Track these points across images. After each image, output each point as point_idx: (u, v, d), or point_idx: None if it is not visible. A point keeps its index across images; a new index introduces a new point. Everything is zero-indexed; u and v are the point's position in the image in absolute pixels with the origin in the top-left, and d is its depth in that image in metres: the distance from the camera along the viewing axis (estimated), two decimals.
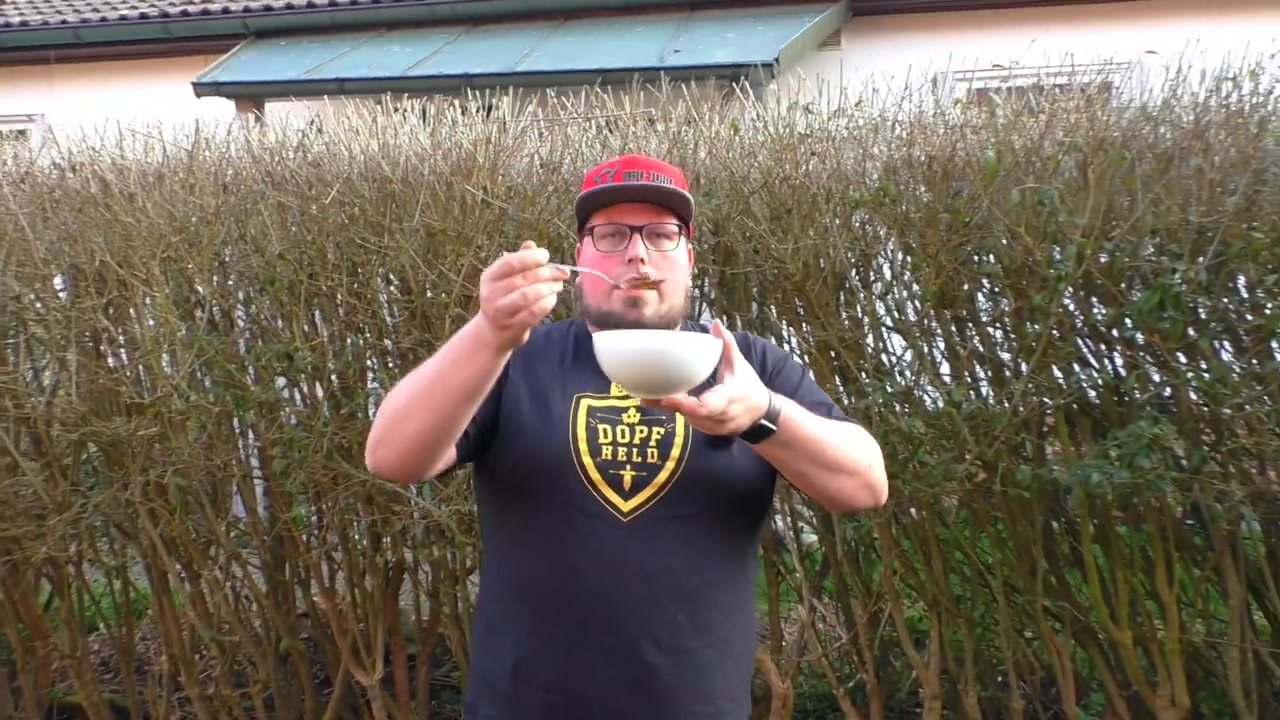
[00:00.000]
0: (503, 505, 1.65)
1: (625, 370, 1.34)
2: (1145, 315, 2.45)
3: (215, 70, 7.99)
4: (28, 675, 3.42)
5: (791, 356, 1.74)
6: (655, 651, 1.53)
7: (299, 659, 3.27)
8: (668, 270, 1.64)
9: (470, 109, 3.12)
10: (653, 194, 1.64)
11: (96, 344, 3.12)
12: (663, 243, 1.64)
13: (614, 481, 1.55)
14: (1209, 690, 2.90)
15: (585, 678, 1.54)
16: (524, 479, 1.58)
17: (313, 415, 2.93)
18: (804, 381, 1.69)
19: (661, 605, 1.54)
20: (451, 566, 3.11)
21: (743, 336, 1.73)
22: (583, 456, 1.55)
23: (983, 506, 2.81)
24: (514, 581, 1.62)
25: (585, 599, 1.54)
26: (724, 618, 1.60)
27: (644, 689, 1.53)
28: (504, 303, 1.28)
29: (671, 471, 1.55)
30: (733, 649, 1.62)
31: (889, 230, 2.80)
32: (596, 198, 1.66)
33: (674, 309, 1.65)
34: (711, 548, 1.59)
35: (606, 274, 1.61)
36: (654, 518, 1.54)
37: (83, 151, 3.17)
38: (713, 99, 3.15)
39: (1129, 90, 2.81)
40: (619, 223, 1.64)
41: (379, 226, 2.86)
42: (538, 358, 1.66)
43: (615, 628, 1.53)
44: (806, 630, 3.02)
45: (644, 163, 1.70)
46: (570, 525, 1.55)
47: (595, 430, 1.57)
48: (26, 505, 3.11)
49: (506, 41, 7.87)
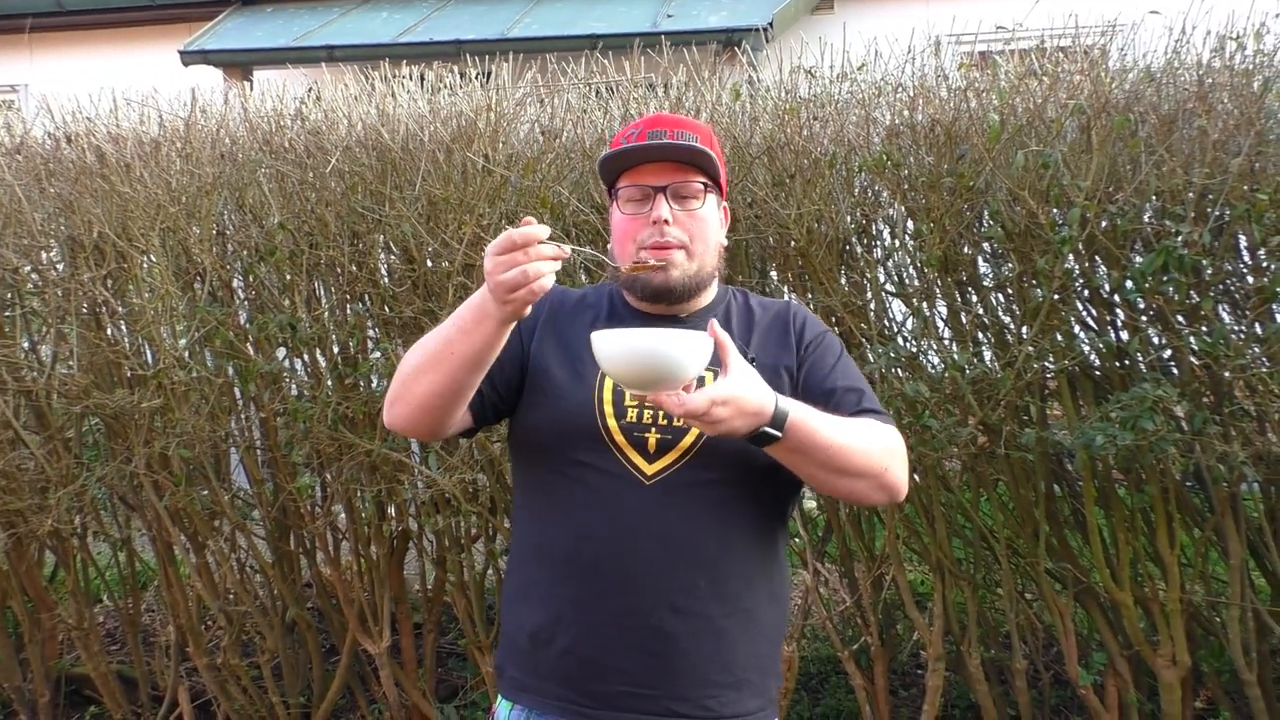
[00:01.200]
0: (529, 466, 1.65)
1: (616, 367, 1.34)
2: (1148, 278, 2.45)
3: (202, 38, 7.88)
4: (35, 647, 3.43)
5: (831, 333, 1.70)
6: (671, 617, 1.51)
7: (306, 628, 3.29)
8: (695, 229, 1.61)
9: (469, 75, 3.09)
10: (674, 152, 1.60)
11: (96, 316, 3.10)
12: (689, 202, 1.61)
13: (638, 444, 1.54)
14: (1209, 649, 2.95)
15: (601, 642, 1.53)
16: (548, 439, 1.58)
17: (316, 385, 2.93)
18: (840, 361, 1.65)
19: (680, 570, 1.52)
20: (456, 535, 3.13)
21: (785, 305, 1.71)
22: (607, 419, 1.54)
23: (986, 470, 2.83)
24: (535, 544, 1.62)
25: (600, 561, 1.53)
26: (746, 587, 1.57)
27: (660, 655, 1.51)
28: (504, 278, 1.32)
29: (697, 435, 1.53)
30: (757, 618, 1.58)
31: (892, 195, 2.80)
32: (618, 160, 1.63)
33: (703, 269, 1.63)
34: (736, 515, 1.56)
35: (634, 236, 1.60)
36: (678, 482, 1.53)
37: (78, 121, 3.14)
38: (711, 64, 3.13)
39: (1133, 51, 2.79)
40: (642, 184, 1.61)
41: (380, 195, 2.84)
42: (570, 320, 1.66)
43: (629, 592, 1.51)
44: (810, 594, 3.04)
45: (669, 120, 1.65)
46: (589, 486, 1.54)
47: (621, 392, 1.56)
48: (30, 478, 3.10)
49: (497, 7, 7.79)
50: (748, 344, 1.64)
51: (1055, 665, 3.23)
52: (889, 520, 2.88)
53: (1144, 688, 2.92)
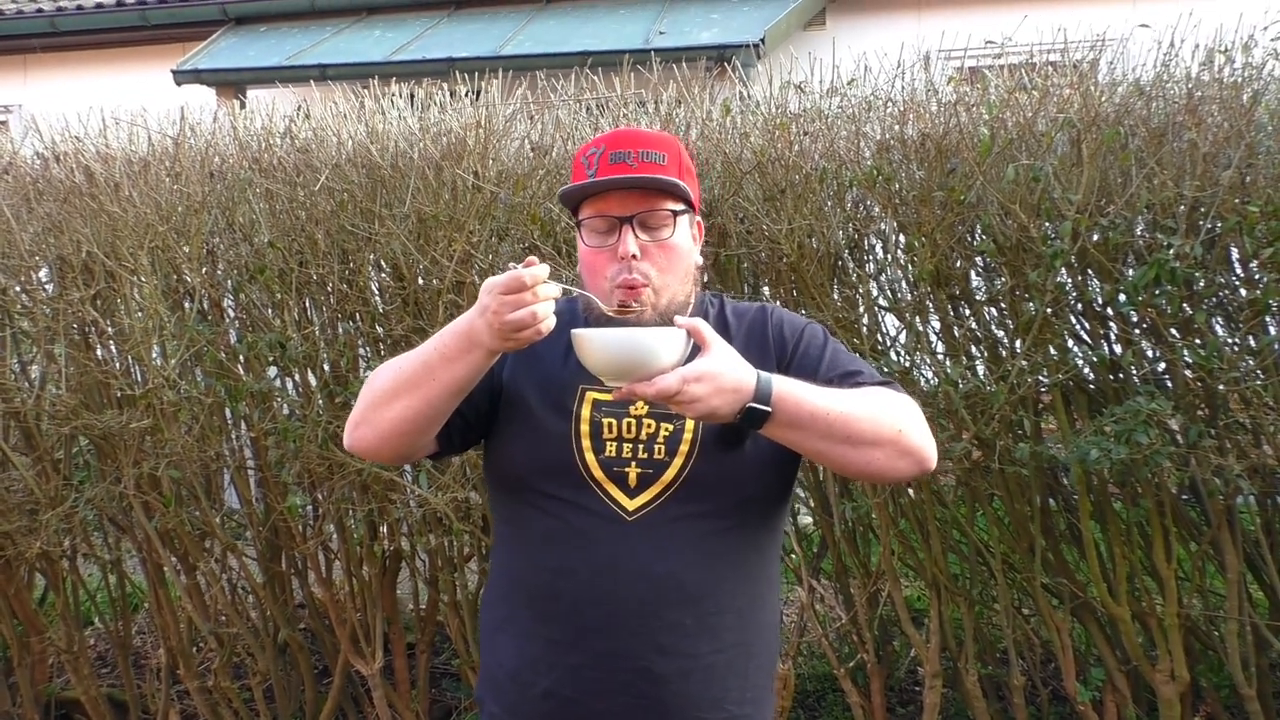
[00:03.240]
0: (505, 495, 1.59)
1: (593, 357, 1.33)
2: (1140, 291, 2.45)
3: (195, 57, 7.91)
4: (24, 671, 3.40)
5: (813, 323, 1.61)
6: (659, 658, 1.46)
7: (298, 650, 3.26)
8: (664, 260, 1.52)
9: (459, 92, 3.09)
10: (638, 183, 1.50)
11: (85, 336, 3.08)
12: (658, 232, 1.52)
13: (618, 479, 1.48)
14: (1207, 664, 2.93)
15: (585, 684, 1.47)
16: (524, 472, 1.53)
17: (306, 404, 2.91)
18: (829, 348, 1.57)
19: (665, 610, 1.46)
20: (449, 554, 3.10)
21: (760, 310, 1.64)
22: (586, 454, 1.49)
23: (980, 484, 2.81)
24: (514, 578, 1.57)
25: (580, 601, 1.47)
26: (737, 620, 1.51)
27: (648, 698, 1.46)
28: (513, 318, 1.29)
29: (679, 468, 1.48)
30: (749, 651, 1.53)
31: (883, 209, 2.79)
32: (579, 192, 1.53)
33: (674, 302, 1.53)
34: (723, 549, 1.50)
35: (602, 271, 1.52)
36: (661, 517, 1.47)
37: (66, 141, 3.13)
38: (702, 80, 3.13)
39: (1122, 65, 2.80)
40: (607, 215, 1.51)
41: (369, 213, 2.83)
42: (543, 347, 1.56)
43: (613, 632, 1.46)
44: (806, 611, 3.02)
45: (632, 138, 1.53)
46: (568, 523, 1.49)
47: (600, 425, 1.50)
48: (18, 500, 3.08)
49: (489, 25, 7.83)
50: None
51: (1053, 681, 3.21)
52: (884, 536, 2.86)
53: (1143, 703, 2.90)
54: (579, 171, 1.56)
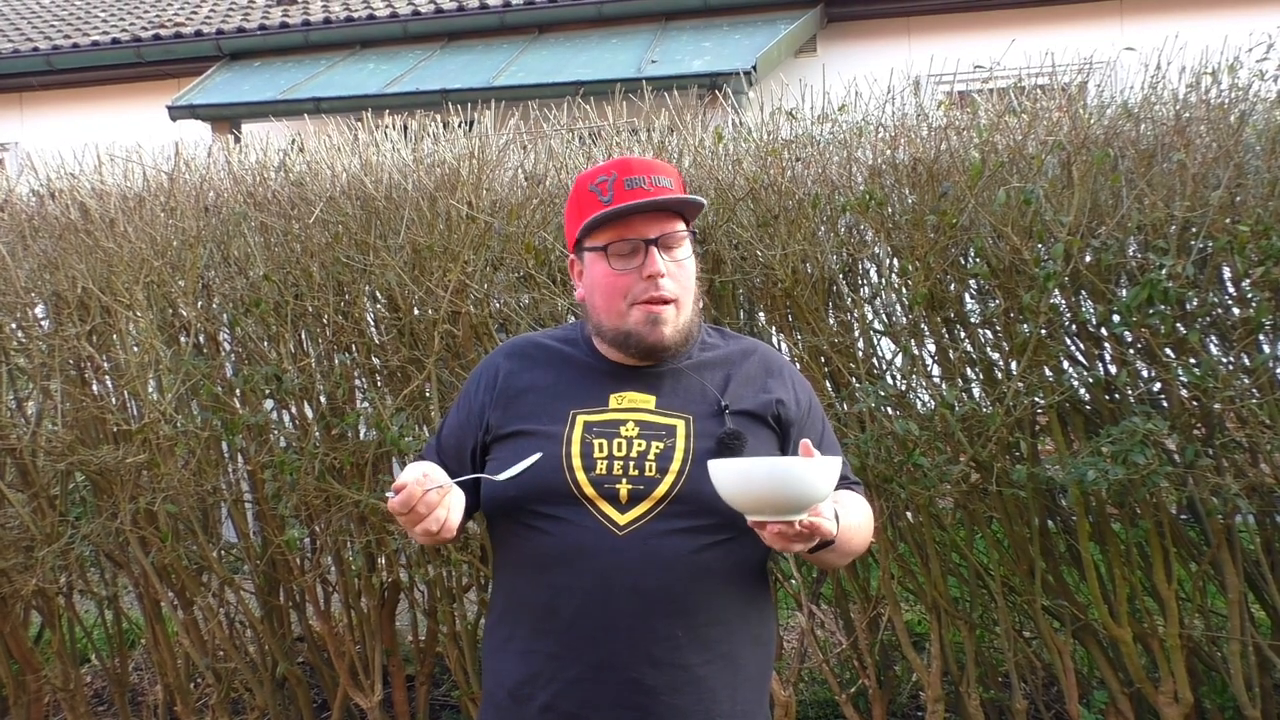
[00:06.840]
0: (501, 520, 1.62)
1: (745, 497, 1.35)
2: (1134, 311, 2.46)
3: (190, 93, 7.95)
4: (20, 710, 3.37)
5: (814, 393, 1.73)
6: (650, 670, 1.49)
7: (296, 684, 3.24)
8: (684, 279, 1.59)
9: (452, 123, 3.10)
10: (666, 204, 1.57)
11: (81, 372, 3.08)
12: (676, 252, 1.59)
13: (609, 495, 1.52)
14: (1211, 685, 2.91)
15: (580, 697, 1.51)
16: (518, 495, 1.55)
17: (303, 437, 2.91)
18: (825, 431, 1.69)
19: (656, 621, 1.50)
20: (448, 584, 3.09)
21: (755, 347, 1.72)
22: (577, 473, 1.53)
23: (978, 507, 2.81)
24: (514, 598, 1.61)
25: (575, 615, 1.51)
26: (726, 633, 1.55)
27: (641, 708, 1.50)
28: (419, 530, 1.41)
29: (671, 485, 1.52)
30: (738, 663, 1.57)
31: (876, 233, 2.80)
32: (610, 218, 1.57)
33: (690, 322, 1.61)
34: (713, 562, 1.54)
35: (623, 293, 1.57)
36: (652, 531, 1.51)
37: (61, 178, 3.14)
38: (694, 108, 3.15)
39: (1110, 88, 2.82)
40: (633, 238, 1.56)
41: (364, 244, 2.84)
42: (526, 383, 1.65)
43: (606, 645, 1.50)
44: (806, 637, 3.01)
45: (638, 165, 1.60)
46: (562, 540, 1.53)
47: (591, 445, 1.55)
48: (14, 537, 3.07)
49: (482, 56, 7.87)
50: (723, 391, 1.62)
51: (1056, 704, 3.19)
52: (883, 560, 2.85)
53: None
54: (591, 199, 1.59)
